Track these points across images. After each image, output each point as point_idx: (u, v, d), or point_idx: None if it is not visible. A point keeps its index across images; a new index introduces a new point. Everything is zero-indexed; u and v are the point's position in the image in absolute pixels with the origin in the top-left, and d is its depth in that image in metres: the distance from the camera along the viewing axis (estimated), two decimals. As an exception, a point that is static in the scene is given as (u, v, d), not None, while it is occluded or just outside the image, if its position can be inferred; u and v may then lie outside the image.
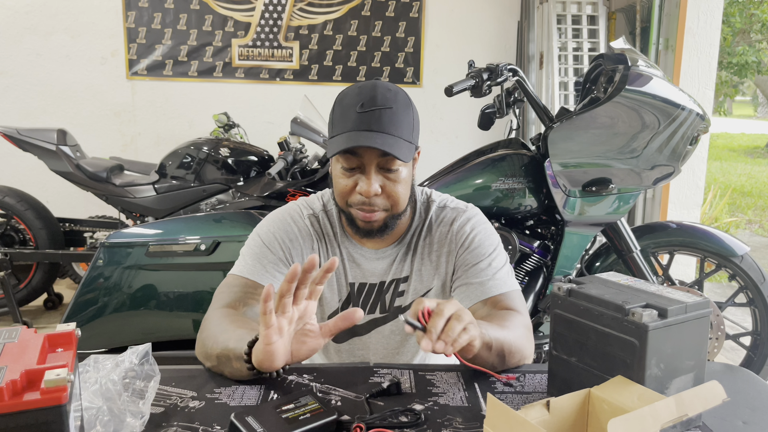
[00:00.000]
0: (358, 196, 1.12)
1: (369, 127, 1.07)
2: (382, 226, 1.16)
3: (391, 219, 1.16)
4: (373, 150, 1.08)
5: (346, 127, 1.09)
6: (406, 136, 1.10)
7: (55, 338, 0.73)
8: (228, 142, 3.06)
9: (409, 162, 1.12)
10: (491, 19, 4.39)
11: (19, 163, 3.81)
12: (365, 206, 1.12)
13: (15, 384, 0.62)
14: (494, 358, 1.00)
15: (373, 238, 1.19)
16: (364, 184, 1.10)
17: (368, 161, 1.10)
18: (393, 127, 1.08)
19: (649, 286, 0.89)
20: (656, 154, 2.09)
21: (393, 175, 1.12)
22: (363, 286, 1.24)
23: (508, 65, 2.11)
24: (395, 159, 1.09)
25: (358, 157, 1.10)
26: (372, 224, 1.15)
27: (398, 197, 1.14)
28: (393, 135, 1.07)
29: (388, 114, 1.08)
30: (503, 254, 1.22)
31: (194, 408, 0.89)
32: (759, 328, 2.30)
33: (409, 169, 1.16)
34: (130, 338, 2.06)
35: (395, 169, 1.11)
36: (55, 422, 0.62)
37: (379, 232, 1.17)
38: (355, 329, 1.25)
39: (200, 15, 4.21)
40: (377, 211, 1.13)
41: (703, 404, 0.72)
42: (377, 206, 1.12)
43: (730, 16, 10.97)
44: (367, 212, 1.13)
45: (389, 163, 1.10)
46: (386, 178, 1.12)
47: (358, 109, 1.08)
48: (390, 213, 1.15)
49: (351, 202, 1.14)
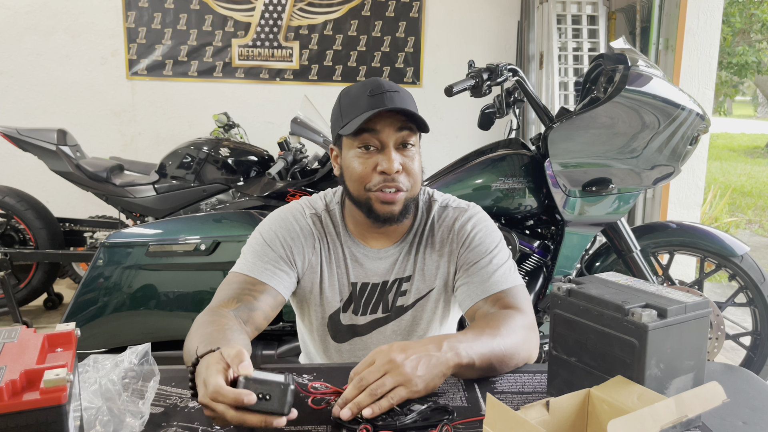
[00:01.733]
0: (378, 177, 1.12)
1: (384, 104, 1.10)
2: (402, 211, 1.16)
3: (409, 203, 1.16)
4: (391, 126, 1.11)
5: (360, 110, 1.11)
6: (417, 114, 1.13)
7: (54, 338, 0.73)
8: (228, 142, 3.06)
9: (426, 134, 1.16)
10: (491, 19, 4.39)
11: (19, 163, 3.81)
12: (388, 185, 1.12)
13: (14, 384, 0.62)
14: (482, 372, 0.98)
15: (393, 224, 1.18)
16: (385, 162, 1.11)
17: (387, 137, 1.11)
18: (405, 104, 1.11)
19: (648, 286, 0.89)
20: (656, 154, 2.09)
21: (410, 152, 1.14)
22: (365, 285, 1.23)
23: (508, 65, 2.11)
24: (412, 134, 1.13)
25: (377, 135, 1.11)
26: (393, 207, 1.14)
27: (416, 176, 1.16)
28: (410, 111, 1.11)
29: (398, 95, 1.12)
30: (505, 251, 1.22)
31: (194, 408, 0.88)
32: (759, 328, 2.30)
33: (419, 152, 1.18)
34: (130, 338, 2.06)
35: (412, 144, 1.14)
36: (55, 422, 0.62)
37: (399, 217, 1.16)
38: (356, 329, 1.25)
39: (200, 15, 4.21)
40: (400, 191, 1.13)
41: (703, 405, 0.72)
42: (401, 184, 1.13)
43: (730, 16, 10.97)
44: (391, 191, 1.12)
45: (409, 136, 1.13)
46: (404, 156, 1.13)
47: (369, 93, 1.11)
48: (409, 194, 1.16)
49: (371, 185, 1.13)
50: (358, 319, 1.24)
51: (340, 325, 1.25)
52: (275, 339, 2.20)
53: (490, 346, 0.98)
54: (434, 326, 1.26)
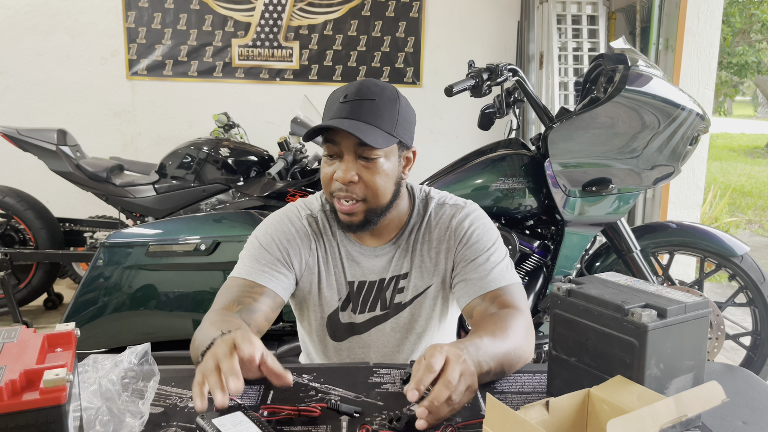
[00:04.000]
0: (336, 184, 1.14)
1: (348, 115, 1.10)
2: (363, 221, 1.16)
3: (371, 213, 1.16)
4: (350, 138, 1.10)
5: (328, 116, 1.13)
6: (385, 127, 1.11)
7: (54, 338, 0.73)
8: (228, 142, 3.06)
9: (385, 149, 1.13)
10: (491, 19, 4.39)
11: (19, 163, 3.81)
12: (341, 194, 1.14)
13: (14, 384, 0.62)
14: (493, 377, 0.98)
15: (356, 233, 1.21)
16: (339, 171, 1.12)
17: (345, 148, 1.12)
18: (372, 117, 1.10)
19: (648, 286, 0.89)
20: (656, 154, 2.09)
21: (371, 165, 1.13)
22: (363, 284, 1.24)
23: (508, 65, 2.10)
24: (373, 149, 1.11)
25: (337, 145, 1.12)
26: (351, 218, 1.16)
27: (376, 188, 1.14)
28: (370, 124, 1.10)
29: (368, 105, 1.11)
30: (502, 248, 1.22)
31: (194, 408, 0.88)
32: (759, 328, 2.30)
33: (392, 163, 1.16)
34: (130, 338, 2.06)
35: (373, 158, 1.13)
36: (55, 422, 0.62)
37: (361, 227, 1.17)
38: (355, 327, 1.25)
39: (200, 15, 4.21)
40: (356, 202, 1.14)
41: (703, 404, 0.72)
42: (355, 194, 1.13)
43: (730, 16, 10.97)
44: (345, 201, 1.14)
45: (366, 151, 1.12)
46: (364, 167, 1.13)
47: (341, 99, 1.12)
48: (369, 206, 1.15)
49: (332, 190, 1.16)
50: (357, 318, 1.25)
51: (339, 323, 1.25)
52: (275, 339, 2.20)
53: (503, 350, 0.98)
54: (433, 323, 1.26)
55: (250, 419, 0.80)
